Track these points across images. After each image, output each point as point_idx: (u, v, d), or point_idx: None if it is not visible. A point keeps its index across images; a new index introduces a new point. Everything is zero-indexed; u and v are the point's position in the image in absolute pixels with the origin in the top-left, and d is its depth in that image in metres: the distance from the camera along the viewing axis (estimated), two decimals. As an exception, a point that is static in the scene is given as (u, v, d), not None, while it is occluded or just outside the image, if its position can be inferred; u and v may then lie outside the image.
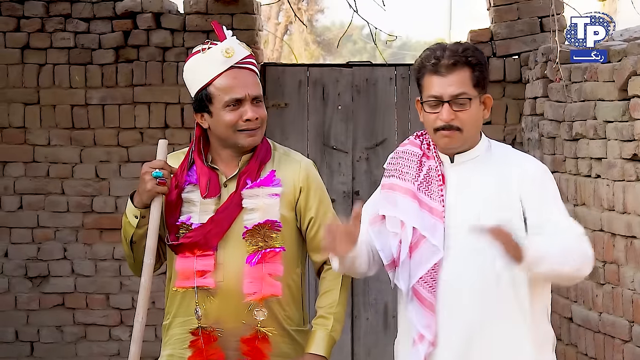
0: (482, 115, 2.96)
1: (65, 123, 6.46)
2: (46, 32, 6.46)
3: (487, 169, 2.94)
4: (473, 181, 2.94)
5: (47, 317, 6.49)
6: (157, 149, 3.06)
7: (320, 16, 24.61)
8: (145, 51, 6.46)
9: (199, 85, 3.03)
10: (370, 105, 6.56)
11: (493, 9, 6.47)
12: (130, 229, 3.05)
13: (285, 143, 6.36)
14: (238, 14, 6.41)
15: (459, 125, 2.90)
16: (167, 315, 3.15)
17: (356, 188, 6.55)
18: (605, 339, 5.01)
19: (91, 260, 6.47)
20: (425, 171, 2.97)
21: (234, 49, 3.01)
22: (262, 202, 2.99)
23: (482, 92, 2.94)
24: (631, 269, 4.72)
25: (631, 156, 4.68)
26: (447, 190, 2.95)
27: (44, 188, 6.48)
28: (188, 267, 2.98)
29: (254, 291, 2.96)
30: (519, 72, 6.37)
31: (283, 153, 3.15)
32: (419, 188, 2.96)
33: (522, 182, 2.90)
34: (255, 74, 3.06)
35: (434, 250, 2.91)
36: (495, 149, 3.01)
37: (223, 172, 3.06)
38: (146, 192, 2.98)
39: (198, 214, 3.01)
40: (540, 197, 2.92)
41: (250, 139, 3.02)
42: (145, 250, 3.00)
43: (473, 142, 2.97)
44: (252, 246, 2.99)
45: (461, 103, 2.90)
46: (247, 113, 2.99)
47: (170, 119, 6.44)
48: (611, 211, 4.92)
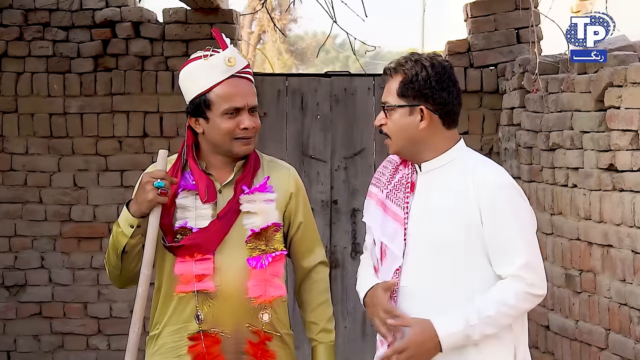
0: (414, 125, 2.95)
1: (44, 131, 6.44)
2: (25, 40, 6.45)
3: (451, 177, 2.95)
4: (437, 190, 2.97)
5: (24, 326, 6.46)
6: (157, 158, 3.05)
7: (293, 25, 24.69)
8: (124, 60, 6.46)
9: (198, 91, 3.06)
10: (348, 115, 6.60)
11: (470, 20, 6.54)
12: (124, 238, 3.03)
13: (264, 152, 6.34)
14: (217, 23, 6.42)
15: (386, 132, 3.00)
16: (155, 326, 3.14)
17: (334, 197, 6.58)
18: (582, 346, 5.06)
19: (69, 269, 6.45)
20: (397, 179, 3.04)
21: (236, 58, 3.06)
22: (260, 207, 3.05)
23: (412, 102, 2.94)
24: (607, 277, 4.78)
25: (607, 166, 4.75)
26: (414, 198, 2.99)
27: (22, 197, 6.46)
28: (188, 271, 3.00)
29: (259, 294, 3.00)
30: (496, 83, 6.44)
31: (270, 160, 3.23)
32: (387, 195, 3.04)
33: (479, 192, 2.89)
34: (252, 84, 3.12)
35: (395, 257, 2.96)
36: (466, 158, 2.99)
37: (217, 178, 3.10)
38: (147, 202, 2.97)
39: (194, 219, 3.04)
40: (493, 212, 2.88)
41: (245, 147, 3.07)
42: (143, 261, 2.99)
43: (432, 152, 2.97)
44: (254, 249, 3.03)
45: (386, 110, 2.99)
46: (244, 122, 3.04)
47: (149, 127, 6.44)
48: (588, 220, 4.98)
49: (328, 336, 3.20)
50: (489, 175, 2.93)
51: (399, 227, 2.97)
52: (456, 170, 2.95)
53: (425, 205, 2.96)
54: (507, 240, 2.87)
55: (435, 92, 2.94)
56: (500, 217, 2.88)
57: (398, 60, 3.00)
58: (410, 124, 2.95)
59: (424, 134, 2.95)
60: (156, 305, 3.14)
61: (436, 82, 2.94)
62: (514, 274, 2.86)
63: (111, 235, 3.09)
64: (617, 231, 4.66)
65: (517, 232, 2.89)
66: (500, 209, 2.88)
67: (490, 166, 2.99)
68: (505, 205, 2.89)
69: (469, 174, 2.92)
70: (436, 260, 2.91)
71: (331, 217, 6.59)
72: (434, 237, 2.92)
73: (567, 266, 5.23)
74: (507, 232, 2.88)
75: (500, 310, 2.84)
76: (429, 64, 2.95)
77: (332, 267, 6.57)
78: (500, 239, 2.87)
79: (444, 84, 2.95)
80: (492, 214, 2.88)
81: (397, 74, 2.97)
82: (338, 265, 6.58)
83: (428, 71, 2.94)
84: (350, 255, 6.59)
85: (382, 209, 3.03)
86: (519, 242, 2.88)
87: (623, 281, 4.63)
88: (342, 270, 6.60)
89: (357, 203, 6.54)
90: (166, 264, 3.08)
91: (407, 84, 2.94)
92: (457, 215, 2.90)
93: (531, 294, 2.87)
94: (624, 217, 4.58)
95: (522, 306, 2.88)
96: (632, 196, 4.51)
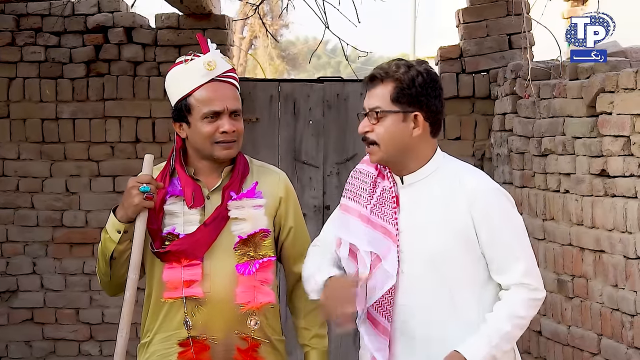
0: (407, 133, 2.88)
1: (36, 137, 6.43)
2: (17, 45, 6.44)
3: (436, 189, 2.89)
4: (422, 203, 2.89)
5: (16, 332, 6.45)
6: (143, 163, 3.06)
7: (285, 31, 24.70)
8: (117, 65, 6.46)
9: (179, 95, 3.06)
10: (341, 120, 6.60)
11: (462, 25, 6.55)
12: (111, 244, 3.03)
13: (256, 157, 6.33)
14: (210, 29, 6.43)
15: (374, 139, 2.90)
16: (146, 333, 3.14)
17: (327, 202, 6.58)
18: (574, 352, 5.07)
19: (61, 274, 6.44)
20: (379, 192, 2.96)
21: (215, 62, 3.04)
22: (249, 213, 3.04)
23: (407, 108, 2.87)
24: (599, 282, 4.79)
25: (599, 172, 4.76)
26: (400, 213, 2.92)
27: (14, 202, 6.44)
28: (176, 277, 2.99)
29: (248, 300, 2.99)
30: (488, 89, 6.45)
31: (260, 166, 3.22)
32: (372, 211, 2.95)
33: (472, 202, 2.85)
34: (235, 88, 3.10)
35: (388, 276, 2.88)
36: (447, 167, 2.94)
37: (205, 183, 3.09)
38: (133, 206, 2.97)
39: (182, 225, 3.03)
40: (489, 221, 2.85)
41: (226, 151, 3.06)
42: (130, 265, 2.99)
43: (416, 162, 2.92)
44: (242, 256, 3.02)
45: (375, 117, 2.89)
46: (224, 126, 3.03)
47: (142, 133, 6.44)
48: (580, 226, 4.99)
49: (321, 342, 3.20)
50: (478, 184, 2.89)
51: (391, 244, 2.89)
52: (440, 181, 2.90)
53: (414, 220, 2.90)
54: (505, 248, 2.86)
55: (430, 99, 2.89)
56: (496, 225, 2.86)
57: (387, 66, 2.92)
58: (404, 131, 2.88)
59: (414, 141, 2.89)
60: (147, 312, 3.14)
61: (431, 90, 2.90)
62: (517, 282, 2.86)
63: (100, 242, 3.08)
64: (609, 236, 4.67)
65: (514, 238, 2.88)
66: (494, 216, 2.86)
67: (475, 173, 2.95)
68: (499, 213, 2.88)
69: (456, 183, 2.88)
70: (434, 276, 2.86)
71: (323, 223, 6.57)
72: (428, 253, 2.86)
73: (559, 271, 5.24)
74: (504, 239, 2.86)
75: (515, 323, 2.84)
76: (424, 70, 2.90)
77: (324, 273, 6.56)
78: (498, 247, 2.86)
79: (437, 91, 2.92)
80: (487, 223, 2.85)
81: (388, 80, 2.89)
82: (330, 270, 6.57)
83: (424, 77, 2.89)
84: (343, 260, 6.58)
85: (369, 225, 2.94)
86: (517, 249, 2.88)
87: (615, 286, 4.64)
88: (334, 275, 6.59)
89: (349, 208, 6.54)
90: (155, 271, 3.07)
91: (402, 89, 2.87)
92: (449, 227, 2.85)
93: (535, 299, 2.88)
94: (616, 222, 4.59)
95: (531, 314, 2.88)
96: (624, 202, 4.53)
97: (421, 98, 2.88)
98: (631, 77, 4.46)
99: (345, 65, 7.56)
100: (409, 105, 2.88)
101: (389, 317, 2.89)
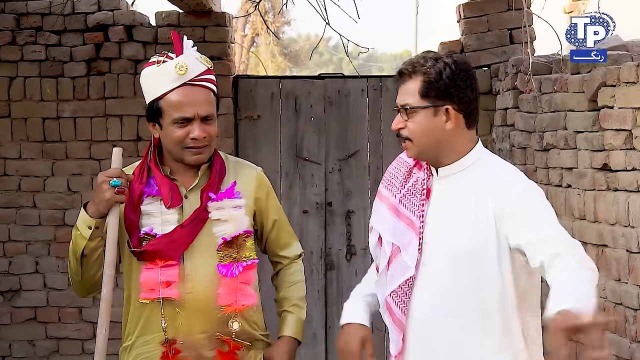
0: (440, 127, 2.80)
1: (37, 136, 6.43)
2: (17, 44, 6.43)
3: (470, 183, 2.80)
4: (454, 196, 2.81)
5: (19, 331, 6.45)
6: (112, 157, 3.02)
7: (286, 28, 24.71)
8: (117, 64, 6.45)
9: (151, 97, 3.02)
10: (342, 117, 6.60)
11: (463, 21, 6.54)
12: (82, 241, 2.96)
13: (258, 155, 6.42)
14: (210, 26, 6.43)
15: (407, 135, 2.83)
16: (128, 337, 3.11)
17: (329, 199, 6.57)
18: (577, 345, 5.05)
19: (63, 273, 6.42)
20: (412, 183, 2.90)
21: (187, 66, 2.97)
22: (230, 214, 3.01)
23: (436, 102, 2.79)
24: (602, 277, 4.78)
25: (601, 166, 4.75)
26: (429, 205, 2.84)
27: (15, 201, 6.44)
28: (152, 278, 2.95)
29: (229, 302, 2.97)
30: (490, 84, 6.44)
31: (235, 162, 3.19)
32: (400, 200, 2.89)
33: (502, 199, 2.74)
34: (209, 91, 3.02)
35: (406, 267, 2.82)
36: (485, 162, 2.85)
37: (182, 183, 3.06)
38: (105, 201, 2.91)
39: (160, 225, 2.99)
40: (527, 213, 2.71)
41: (196, 157, 3.01)
42: (105, 261, 2.93)
43: (454, 155, 2.84)
44: (225, 257, 2.99)
45: (407, 113, 2.82)
46: (194, 132, 2.97)
47: (143, 131, 6.43)
48: (582, 220, 4.98)
49: (299, 311, 3.20)
50: (511, 180, 2.79)
51: (413, 236, 2.83)
52: (474, 176, 2.81)
53: (443, 214, 2.82)
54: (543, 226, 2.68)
55: (460, 90, 2.79)
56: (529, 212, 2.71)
57: (415, 60, 2.83)
58: (436, 125, 2.79)
59: (449, 135, 2.81)
60: (127, 315, 3.11)
61: (461, 80, 2.79)
62: (564, 247, 2.65)
63: (71, 240, 3.02)
64: (611, 231, 4.66)
65: (550, 219, 2.72)
66: (531, 211, 2.71)
67: (510, 171, 2.85)
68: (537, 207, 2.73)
69: (487, 180, 2.78)
70: (455, 273, 2.76)
71: (326, 220, 6.59)
72: (453, 248, 2.77)
73: (562, 266, 5.23)
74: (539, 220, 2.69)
75: (589, 267, 2.63)
76: (451, 61, 2.80)
77: (327, 269, 6.57)
78: (535, 229, 2.67)
79: (468, 81, 2.81)
80: (520, 214, 2.70)
81: (416, 74, 2.80)
82: (333, 267, 6.57)
83: (452, 69, 2.79)
84: (345, 257, 6.58)
85: (395, 215, 2.90)
86: (556, 224, 2.72)
87: (618, 281, 4.63)
88: (337, 272, 6.59)
89: (351, 205, 6.54)
90: (134, 273, 3.03)
91: (431, 83, 2.78)
92: (477, 225, 2.75)
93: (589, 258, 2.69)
94: (619, 216, 4.58)
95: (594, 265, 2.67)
96: (627, 196, 4.52)
97: (451, 90, 2.78)
98: (632, 71, 4.45)
99: (347, 61, 7.55)
100: (438, 99, 2.79)
101: (405, 309, 2.82)
